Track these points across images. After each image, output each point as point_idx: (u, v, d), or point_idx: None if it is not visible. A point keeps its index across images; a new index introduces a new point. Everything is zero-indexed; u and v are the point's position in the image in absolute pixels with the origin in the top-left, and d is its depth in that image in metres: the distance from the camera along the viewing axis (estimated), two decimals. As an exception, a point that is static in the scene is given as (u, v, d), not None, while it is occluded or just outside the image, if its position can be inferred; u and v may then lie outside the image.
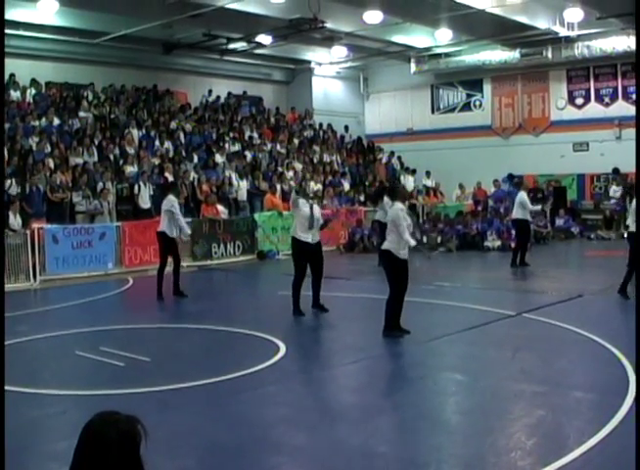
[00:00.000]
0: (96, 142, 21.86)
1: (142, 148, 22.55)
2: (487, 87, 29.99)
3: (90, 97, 24.27)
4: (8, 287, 14.51)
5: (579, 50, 25.76)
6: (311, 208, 12.00)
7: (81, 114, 23.01)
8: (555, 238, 23.90)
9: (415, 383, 8.03)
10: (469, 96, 30.53)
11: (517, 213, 17.61)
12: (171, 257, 14.20)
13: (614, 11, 21.53)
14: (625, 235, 15.04)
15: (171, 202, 13.92)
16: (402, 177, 27.73)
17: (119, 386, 7.75)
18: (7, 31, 19.52)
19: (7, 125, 19.99)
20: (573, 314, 11.32)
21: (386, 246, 9.99)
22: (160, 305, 13.49)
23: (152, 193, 20.29)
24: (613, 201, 25.28)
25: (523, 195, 17.62)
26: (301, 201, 12.00)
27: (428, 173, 28.46)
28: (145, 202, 20.19)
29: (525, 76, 28.70)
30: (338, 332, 10.91)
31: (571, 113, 27.71)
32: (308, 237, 11.89)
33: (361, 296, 13.73)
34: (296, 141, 28.29)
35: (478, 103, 30.35)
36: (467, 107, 30.59)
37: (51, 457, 5.90)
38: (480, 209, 25.41)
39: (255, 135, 27.11)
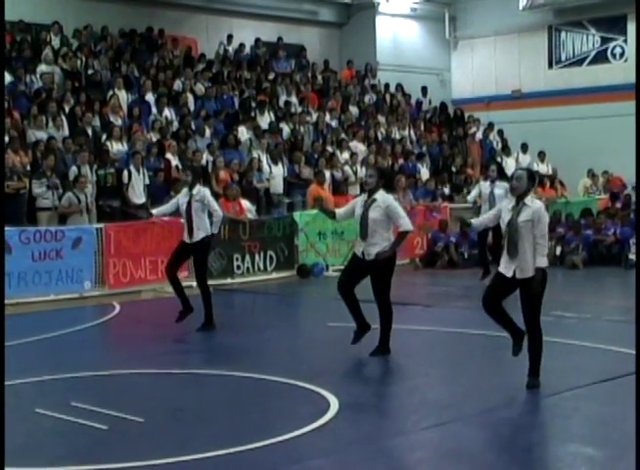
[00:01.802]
0: (66, 109, 22.07)
1: (133, 118, 22.73)
2: (633, 28, 29.60)
3: (57, 43, 24.50)
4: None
5: None
6: (366, 206, 11.83)
7: (44, 67, 23.21)
8: None
9: (526, 458, 7.90)
10: (605, 41, 30.33)
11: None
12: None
13: None
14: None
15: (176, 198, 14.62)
16: (500, 159, 27.49)
17: (99, 459, 7.73)
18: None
19: None
20: None
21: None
22: (161, 342, 13.46)
23: (147, 182, 20.47)
24: None
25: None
26: (361, 198, 12.17)
27: (542, 155, 28.35)
28: (138, 195, 20.36)
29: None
30: (413, 382, 10.84)
31: None
32: (359, 248, 11.97)
33: (447, 330, 13.72)
34: (352, 109, 28.32)
35: (619, 51, 30.14)
36: (602, 57, 30.43)
37: None
38: (619, 206, 25.16)
39: (295, 101, 27.21)
